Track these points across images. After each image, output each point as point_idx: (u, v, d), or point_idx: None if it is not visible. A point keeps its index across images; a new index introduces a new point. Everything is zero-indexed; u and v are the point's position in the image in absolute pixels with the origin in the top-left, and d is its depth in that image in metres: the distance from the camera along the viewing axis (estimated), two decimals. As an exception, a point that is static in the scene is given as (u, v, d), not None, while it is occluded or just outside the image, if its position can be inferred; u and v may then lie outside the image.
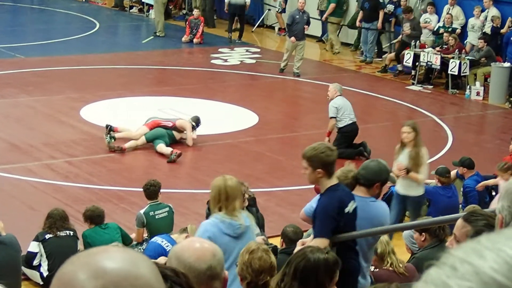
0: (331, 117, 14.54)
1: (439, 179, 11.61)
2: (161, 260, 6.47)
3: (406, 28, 21.57)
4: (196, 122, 15.10)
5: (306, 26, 20.68)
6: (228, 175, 7.17)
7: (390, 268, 7.87)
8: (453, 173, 12.32)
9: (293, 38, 20.54)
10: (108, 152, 14.30)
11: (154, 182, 10.52)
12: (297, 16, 20.66)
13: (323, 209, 6.87)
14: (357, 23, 23.50)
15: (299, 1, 21.08)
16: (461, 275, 1.06)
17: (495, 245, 1.08)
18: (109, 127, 14.53)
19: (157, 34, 25.14)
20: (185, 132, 14.89)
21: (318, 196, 7.10)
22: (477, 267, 1.06)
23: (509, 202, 2.80)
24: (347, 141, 14.59)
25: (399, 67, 21.57)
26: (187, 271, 3.39)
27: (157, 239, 9.53)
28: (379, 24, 22.95)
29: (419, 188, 10.78)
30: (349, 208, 6.90)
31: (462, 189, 12.13)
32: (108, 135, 14.39)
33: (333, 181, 6.88)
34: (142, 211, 10.32)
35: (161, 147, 14.34)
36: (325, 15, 24.52)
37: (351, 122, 14.61)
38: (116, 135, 14.53)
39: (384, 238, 8.17)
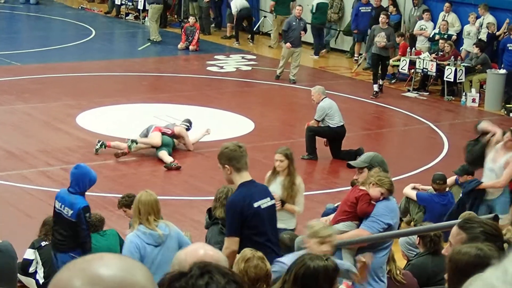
0: (316, 120, 14.73)
1: (433, 186, 11.62)
2: None
3: (381, 38, 19.61)
4: (189, 123, 15.26)
5: (302, 32, 20.70)
6: (149, 191, 7.69)
7: (388, 276, 7.86)
8: (450, 179, 12.29)
9: (288, 44, 20.57)
10: (104, 159, 14.29)
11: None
12: (294, 23, 20.70)
13: (229, 207, 7.12)
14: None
15: (296, 8, 21.15)
16: (510, 280, 1.07)
17: None
18: (101, 142, 14.51)
19: (153, 39, 25.14)
20: (183, 138, 15.02)
21: None
22: None
23: None
24: (336, 139, 14.72)
25: (381, 84, 19.98)
26: None
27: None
28: None
29: (291, 221, 9.72)
30: (261, 203, 7.02)
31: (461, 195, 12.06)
32: (130, 140, 14.38)
33: (245, 177, 7.06)
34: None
35: (164, 154, 14.37)
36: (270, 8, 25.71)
37: (341, 124, 14.72)
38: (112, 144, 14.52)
39: None
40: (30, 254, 9.51)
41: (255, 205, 6.99)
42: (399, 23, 23.23)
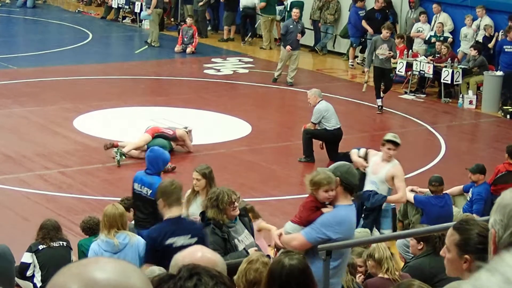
0: (313, 122, 14.76)
1: (429, 188, 11.64)
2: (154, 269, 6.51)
3: (383, 51, 18.27)
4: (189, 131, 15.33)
5: (299, 35, 20.70)
6: (116, 204, 8.64)
7: (385, 276, 7.86)
8: (458, 188, 12.38)
9: (288, 47, 20.58)
10: (101, 163, 14.28)
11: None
12: (291, 26, 20.71)
13: (145, 238, 7.94)
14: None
15: (293, 11, 21.16)
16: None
17: None
18: (111, 144, 14.49)
19: (152, 44, 25.16)
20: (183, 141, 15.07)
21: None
22: None
23: (502, 216, 2.79)
24: (333, 141, 14.74)
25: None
26: None
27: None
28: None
29: None
30: (176, 240, 7.38)
31: (471, 196, 12.08)
32: (118, 153, 14.32)
33: (172, 212, 7.63)
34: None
35: None
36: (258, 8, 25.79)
37: (338, 126, 14.74)
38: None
39: (382, 243, 8.17)
40: (27, 257, 9.50)
41: (167, 242, 7.40)
42: (393, 24, 23.25)
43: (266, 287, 5.12)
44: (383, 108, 18.60)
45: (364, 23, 23.23)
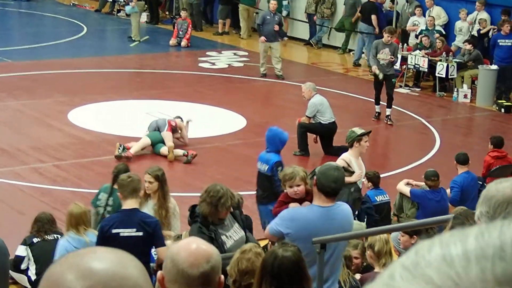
0: (307, 116, 14.78)
1: (427, 183, 11.60)
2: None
3: (385, 55, 17.01)
4: (181, 119, 15.33)
5: (276, 26, 20.37)
6: (78, 203, 9.04)
7: (382, 270, 7.85)
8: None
9: (262, 38, 20.47)
10: (96, 156, 14.28)
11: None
12: (268, 17, 20.53)
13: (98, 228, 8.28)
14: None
15: (270, 2, 20.90)
16: (406, 265, 1.05)
17: (448, 240, 1.06)
18: (122, 145, 14.45)
19: (133, 39, 24.97)
20: (179, 132, 15.09)
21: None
22: (420, 259, 1.04)
23: (487, 208, 2.81)
24: (328, 135, 14.76)
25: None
26: (180, 275, 3.40)
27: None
28: (377, 29, 23.01)
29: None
30: (122, 231, 7.75)
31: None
32: (121, 147, 14.29)
33: (127, 204, 7.97)
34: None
35: (165, 149, 14.40)
36: None
37: (333, 120, 14.75)
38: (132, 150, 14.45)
39: (383, 236, 8.16)
40: (22, 250, 9.51)
41: (114, 231, 7.77)
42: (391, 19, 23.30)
43: (258, 277, 5.14)
44: (391, 119, 17.30)
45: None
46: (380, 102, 17.38)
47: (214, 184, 7.86)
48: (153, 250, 8.42)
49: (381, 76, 17.02)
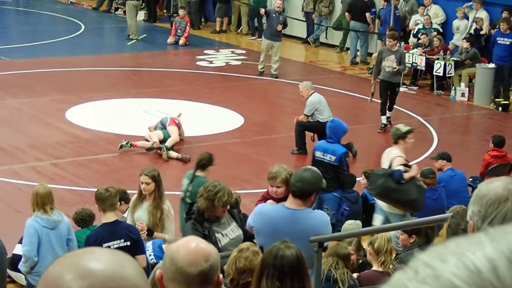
0: (306, 115, 14.76)
1: (424, 180, 11.59)
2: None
3: (390, 62, 16.27)
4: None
5: (280, 26, 20.46)
6: (43, 184, 9.17)
7: (380, 268, 7.87)
8: None
9: (262, 10, 20.99)
10: (94, 154, 14.28)
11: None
12: (274, 15, 20.56)
13: (85, 244, 8.39)
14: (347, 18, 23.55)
15: (276, 2, 20.97)
16: (422, 278, 1.06)
17: (458, 249, 1.07)
18: (128, 142, 14.48)
19: (131, 37, 25.00)
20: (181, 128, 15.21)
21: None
22: (438, 271, 1.05)
23: (479, 207, 2.82)
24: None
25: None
26: (179, 274, 3.40)
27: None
28: (370, 26, 23.03)
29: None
30: (111, 244, 8.04)
31: None
32: (126, 142, 14.38)
33: (107, 218, 8.19)
34: None
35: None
36: None
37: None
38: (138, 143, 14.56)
39: (385, 235, 8.16)
40: (19, 249, 9.50)
41: (104, 245, 7.86)
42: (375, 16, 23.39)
43: (258, 275, 5.14)
44: (390, 121, 16.71)
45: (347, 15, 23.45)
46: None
47: (212, 180, 7.91)
48: (164, 245, 8.70)
49: (369, 99, 17.00)
